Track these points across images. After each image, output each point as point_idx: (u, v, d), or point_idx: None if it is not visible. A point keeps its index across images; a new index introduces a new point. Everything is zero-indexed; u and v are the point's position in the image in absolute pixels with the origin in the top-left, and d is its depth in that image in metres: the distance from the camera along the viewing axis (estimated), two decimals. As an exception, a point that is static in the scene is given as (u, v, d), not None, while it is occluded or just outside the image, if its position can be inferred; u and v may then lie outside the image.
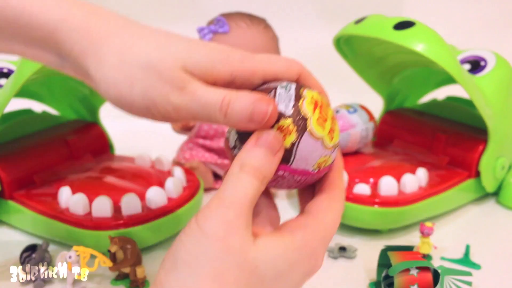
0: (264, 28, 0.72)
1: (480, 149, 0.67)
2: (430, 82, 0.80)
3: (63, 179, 0.63)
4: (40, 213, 0.59)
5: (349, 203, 0.61)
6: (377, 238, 0.62)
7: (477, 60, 0.69)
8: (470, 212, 0.69)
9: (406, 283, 0.48)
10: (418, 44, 0.59)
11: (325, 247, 0.36)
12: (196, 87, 0.34)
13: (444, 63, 0.59)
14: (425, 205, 0.63)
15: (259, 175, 0.33)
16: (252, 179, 0.33)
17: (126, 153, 0.74)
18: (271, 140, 0.33)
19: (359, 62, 0.75)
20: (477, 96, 0.63)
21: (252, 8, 0.78)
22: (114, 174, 0.64)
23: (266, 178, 0.33)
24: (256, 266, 0.31)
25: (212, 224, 0.31)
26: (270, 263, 0.32)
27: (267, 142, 0.33)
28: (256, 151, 0.33)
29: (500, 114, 0.66)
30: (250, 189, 0.33)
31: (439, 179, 0.65)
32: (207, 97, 0.33)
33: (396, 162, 0.68)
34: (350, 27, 0.67)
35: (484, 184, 0.67)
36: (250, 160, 0.33)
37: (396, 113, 0.78)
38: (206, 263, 0.31)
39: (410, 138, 0.74)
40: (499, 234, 0.64)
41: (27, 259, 0.53)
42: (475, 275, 0.52)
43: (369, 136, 0.69)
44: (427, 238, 0.56)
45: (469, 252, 0.58)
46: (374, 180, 0.63)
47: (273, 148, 0.33)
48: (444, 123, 0.74)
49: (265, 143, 0.33)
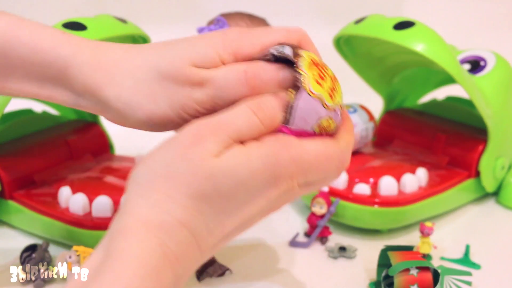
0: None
1: (480, 149, 0.67)
2: (430, 82, 0.80)
3: (63, 179, 0.63)
4: (40, 213, 0.59)
5: (349, 203, 0.61)
6: (377, 238, 0.62)
7: (477, 60, 0.69)
8: (470, 212, 0.69)
9: (406, 283, 0.48)
10: (418, 44, 0.59)
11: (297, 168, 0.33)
12: (212, 75, 0.34)
13: (444, 63, 0.59)
14: (425, 205, 0.63)
15: (254, 107, 0.33)
16: (248, 109, 0.33)
17: (126, 153, 0.74)
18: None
19: (359, 62, 0.75)
20: (477, 96, 0.63)
21: (252, 8, 0.78)
22: (114, 174, 0.64)
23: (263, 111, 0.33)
24: (212, 174, 0.31)
25: (185, 132, 0.32)
26: (230, 171, 0.31)
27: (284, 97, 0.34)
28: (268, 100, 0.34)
29: (500, 114, 0.66)
30: (241, 117, 0.33)
31: (439, 179, 0.65)
32: (229, 78, 0.34)
33: (396, 162, 0.68)
34: (350, 27, 0.67)
35: (484, 184, 0.67)
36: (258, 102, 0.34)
37: (396, 113, 0.78)
38: (162, 165, 0.31)
39: (410, 138, 0.74)
40: (499, 234, 0.64)
41: (27, 259, 0.53)
42: (475, 275, 0.52)
43: (369, 136, 0.69)
44: (427, 238, 0.56)
45: (469, 252, 0.58)
46: (374, 180, 0.63)
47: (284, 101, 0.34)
48: (444, 123, 0.74)
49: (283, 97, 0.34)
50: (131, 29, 0.64)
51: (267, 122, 0.33)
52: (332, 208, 0.60)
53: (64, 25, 0.58)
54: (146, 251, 0.29)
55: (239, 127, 0.32)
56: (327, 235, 0.61)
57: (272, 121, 0.33)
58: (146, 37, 0.67)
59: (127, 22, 0.64)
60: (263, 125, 0.33)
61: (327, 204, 0.60)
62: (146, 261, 0.29)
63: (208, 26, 0.73)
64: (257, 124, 0.33)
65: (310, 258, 0.58)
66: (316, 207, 0.60)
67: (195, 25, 0.74)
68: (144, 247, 0.29)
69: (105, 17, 0.63)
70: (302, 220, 0.65)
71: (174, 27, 1.13)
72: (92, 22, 0.59)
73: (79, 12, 1.09)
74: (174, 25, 1.13)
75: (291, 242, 0.61)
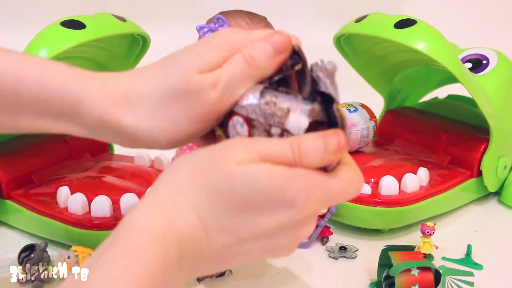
0: (264, 26, 0.72)
1: (482, 148, 0.66)
2: (432, 81, 0.79)
3: (61, 179, 0.63)
4: (38, 213, 0.58)
5: (349, 203, 0.60)
6: (378, 238, 0.62)
7: (479, 58, 0.68)
8: (471, 211, 0.68)
9: (407, 283, 0.48)
10: (419, 43, 0.59)
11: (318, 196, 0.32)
12: (219, 73, 0.36)
13: (445, 62, 0.59)
14: (426, 205, 0.62)
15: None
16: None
17: (125, 152, 0.73)
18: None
19: (359, 61, 0.75)
20: (478, 94, 0.62)
21: (252, 7, 0.78)
22: (113, 173, 0.64)
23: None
24: (229, 175, 0.32)
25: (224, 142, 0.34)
26: (249, 178, 0.32)
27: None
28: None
29: (502, 113, 0.66)
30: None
31: (440, 179, 0.65)
32: (232, 68, 0.36)
33: (397, 161, 0.68)
34: (350, 26, 0.67)
35: (486, 183, 0.67)
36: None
37: (397, 112, 0.78)
38: (188, 164, 0.34)
39: (411, 137, 0.73)
40: (501, 234, 0.64)
41: (26, 259, 0.53)
42: (477, 275, 0.51)
43: (370, 135, 0.69)
44: (428, 238, 0.56)
45: (471, 252, 0.58)
46: (375, 180, 0.63)
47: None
48: (446, 122, 0.74)
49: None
50: (130, 27, 0.64)
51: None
52: (332, 208, 0.60)
53: (63, 24, 0.57)
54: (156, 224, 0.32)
55: (271, 150, 0.33)
56: (328, 235, 0.61)
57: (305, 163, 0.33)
58: (145, 35, 0.66)
59: (126, 21, 0.64)
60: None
61: (327, 203, 0.60)
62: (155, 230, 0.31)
63: (207, 25, 0.72)
64: (289, 156, 0.33)
65: (310, 258, 0.58)
66: (317, 206, 0.60)
67: (194, 24, 0.74)
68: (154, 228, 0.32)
69: (104, 16, 0.62)
70: (302, 220, 0.65)
71: (173, 25, 1.13)
72: (91, 21, 0.59)
73: (78, 10, 1.09)
74: (173, 24, 1.13)
75: (291, 242, 0.60)
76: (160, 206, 0.33)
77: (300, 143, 0.32)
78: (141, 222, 0.32)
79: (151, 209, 0.33)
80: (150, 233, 0.31)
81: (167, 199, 0.33)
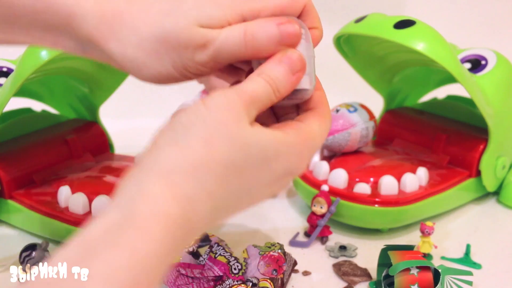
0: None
1: (481, 148, 0.67)
2: (431, 81, 0.79)
3: (62, 178, 0.63)
4: (39, 213, 0.58)
5: (349, 203, 0.61)
6: (378, 237, 0.62)
7: (478, 59, 0.69)
8: (470, 211, 0.69)
9: (407, 283, 0.48)
10: (418, 43, 0.59)
11: (310, 155, 0.37)
12: (215, 36, 0.34)
13: (444, 62, 0.59)
14: (425, 205, 0.62)
15: (273, 84, 0.34)
16: (266, 84, 0.34)
17: (126, 152, 0.74)
18: (294, 59, 0.34)
19: (359, 61, 0.75)
20: (477, 95, 0.62)
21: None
22: (114, 173, 0.64)
23: (280, 92, 0.34)
24: (247, 144, 0.32)
25: (216, 100, 0.32)
26: (261, 147, 0.32)
27: (290, 60, 0.34)
28: (277, 66, 0.34)
29: (501, 113, 0.66)
30: (262, 88, 0.34)
31: (439, 179, 0.65)
32: (228, 39, 0.34)
33: (396, 161, 0.68)
34: (350, 26, 0.67)
35: (485, 183, 0.67)
36: (269, 71, 0.34)
37: (396, 112, 0.78)
38: (201, 128, 0.32)
39: (411, 137, 0.73)
40: (499, 233, 0.64)
41: (27, 259, 0.53)
42: (476, 275, 0.52)
43: (369, 135, 0.69)
44: (427, 238, 0.56)
45: (470, 252, 0.58)
46: (374, 180, 0.63)
47: (294, 67, 0.34)
48: (445, 122, 0.74)
49: (288, 61, 0.34)
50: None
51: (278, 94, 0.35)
52: (332, 208, 0.60)
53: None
54: (169, 225, 0.30)
55: (262, 101, 0.34)
56: (327, 234, 0.61)
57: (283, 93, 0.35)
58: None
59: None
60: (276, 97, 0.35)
61: (327, 203, 0.60)
62: (168, 235, 0.29)
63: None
64: (272, 97, 0.34)
65: (310, 257, 0.58)
66: (317, 206, 0.60)
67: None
68: (168, 220, 0.30)
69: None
70: (302, 220, 0.65)
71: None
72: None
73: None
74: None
75: (291, 242, 0.61)
76: (173, 199, 0.30)
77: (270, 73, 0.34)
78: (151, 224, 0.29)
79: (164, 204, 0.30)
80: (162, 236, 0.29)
81: (181, 187, 0.30)
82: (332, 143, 0.66)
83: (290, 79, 0.34)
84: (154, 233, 0.29)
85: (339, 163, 0.66)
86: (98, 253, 0.28)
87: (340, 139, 0.66)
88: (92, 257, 0.28)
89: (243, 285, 0.48)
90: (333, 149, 0.67)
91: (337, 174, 0.63)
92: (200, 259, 0.51)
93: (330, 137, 0.66)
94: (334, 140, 0.66)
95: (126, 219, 0.29)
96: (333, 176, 0.63)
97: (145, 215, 0.29)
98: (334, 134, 0.66)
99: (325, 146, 0.67)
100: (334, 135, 0.66)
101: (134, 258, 0.28)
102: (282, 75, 0.34)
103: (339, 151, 0.68)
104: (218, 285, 0.49)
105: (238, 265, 0.49)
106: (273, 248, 0.52)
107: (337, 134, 0.66)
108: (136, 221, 0.29)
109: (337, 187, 0.62)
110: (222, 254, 0.50)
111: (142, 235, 0.28)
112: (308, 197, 0.63)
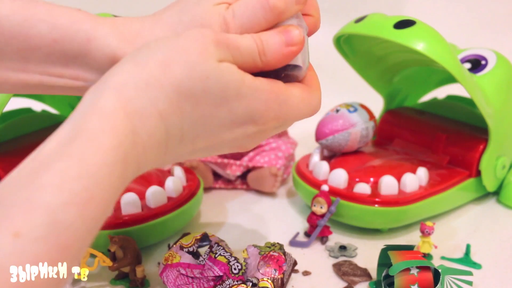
0: None
1: (481, 148, 0.67)
2: (431, 81, 0.79)
3: (62, 179, 0.63)
4: (39, 213, 0.58)
5: (349, 203, 0.61)
6: (378, 237, 0.62)
7: (478, 59, 0.69)
8: (470, 211, 0.69)
9: (407, 283, 0.48)
10: (418, 43, 0.59)
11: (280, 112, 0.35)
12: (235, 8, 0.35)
13: (444, 62, 0.59)
14: (425, 205, 0.62)
15: (260, 44, 0.34)
16: (252, 40, 0.34)
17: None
18: (293, 34, 0.35)
19: (359, 61, 0.75)
20: (477, 95, 0.62)
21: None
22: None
23: (266, 56, 0.34)
24: (206, 76, 0.32)
25: (189, 32, 0.33)
26: (222, 83, 0.32)
27: (289, 33, 0.35)
28: (274, 34, 0.35)
29: (501, 113, 0.66)
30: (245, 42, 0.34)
31: (439, 179, 0.65)
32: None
33: (396, 161, 0.68)
34: (350, 26, 0.67)
35: (485, 183, 0.67)
36: (263, 34, 0.35)
37: (396, 112, 0.78)
38: (163, 51, 0.32)
39: (411, 137, 0.74)
40: (499, 233, 0.64)
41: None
42: (476, 275, 0.52)
43: (369, 135, 0.69)
44: (427, 238, 0.56)
45: (470, 252, 0.58)
46: (374, 180, 0.63)
47: (290, 40, 0.35)
48: (445, 122, 0.74)
49: (287, 33, 0.35)
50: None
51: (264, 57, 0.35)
52: (332, 208, 0.60)
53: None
54: (118, 137, 0.30)
55: (241, 53, 0.33)
56: (327, 234, 0.61)
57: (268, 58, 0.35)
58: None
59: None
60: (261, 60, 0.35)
61: (327, 203, 0.60)
62: (117, 146, 0.30)
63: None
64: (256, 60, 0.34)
65: (310, 257, 0.58)
66: (317, 206, 0.60)
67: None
68: (118, 132, 0.30)
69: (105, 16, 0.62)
70: (302, 220, 0.65)
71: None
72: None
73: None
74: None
75: (291, 242, 0.61)
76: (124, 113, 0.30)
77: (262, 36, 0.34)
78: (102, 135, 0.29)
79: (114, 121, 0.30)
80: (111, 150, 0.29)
81: (132, 102, 0.31)
82: (332, 143, 0.66)
83: (281, 49, 0.35)
84: (103, 143, 0.29)
85: (339, 163, 0.66)
86: (50, 164, 0.28)
87: (340, 139, 0.66)
88: (44, 168, 0.28)
89: (243, 285, 0.48)
90: (333, 149, 0.67)
91: (337, 174, 0.63)
92: (200, 259, 0.50)
93: (330, 137, 0.66)
94: (334, 140, 0.66)
95: (76, 132, 0.29)
96: (333, 176, 0.63)
97: (95, 127, 0.29)
98: (334, 134, 0.66)
99: (325, 146, 0.67)
100: (334, 135, 0.66)
101: (84, 168, 0.28)
102: (274, 42, 0.35)
103: (339, 151, 0.68)
104: (218, 285, 0.49)
105: (238, 265, 0.49)
106: (273, 248, 0.52)
107: (337, 134, 0.66)
108: (86, 133, 0.29)
109: (337, 187, 0.62)
110: (222, 254, 0.50)
111: (91, 146, 0.29)
112: (308, 197, 0.63)
